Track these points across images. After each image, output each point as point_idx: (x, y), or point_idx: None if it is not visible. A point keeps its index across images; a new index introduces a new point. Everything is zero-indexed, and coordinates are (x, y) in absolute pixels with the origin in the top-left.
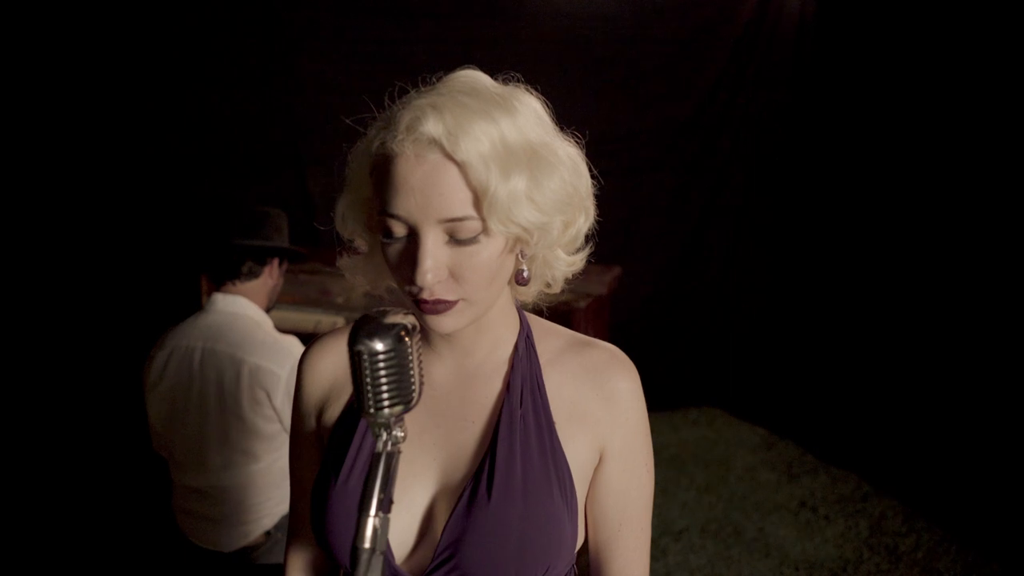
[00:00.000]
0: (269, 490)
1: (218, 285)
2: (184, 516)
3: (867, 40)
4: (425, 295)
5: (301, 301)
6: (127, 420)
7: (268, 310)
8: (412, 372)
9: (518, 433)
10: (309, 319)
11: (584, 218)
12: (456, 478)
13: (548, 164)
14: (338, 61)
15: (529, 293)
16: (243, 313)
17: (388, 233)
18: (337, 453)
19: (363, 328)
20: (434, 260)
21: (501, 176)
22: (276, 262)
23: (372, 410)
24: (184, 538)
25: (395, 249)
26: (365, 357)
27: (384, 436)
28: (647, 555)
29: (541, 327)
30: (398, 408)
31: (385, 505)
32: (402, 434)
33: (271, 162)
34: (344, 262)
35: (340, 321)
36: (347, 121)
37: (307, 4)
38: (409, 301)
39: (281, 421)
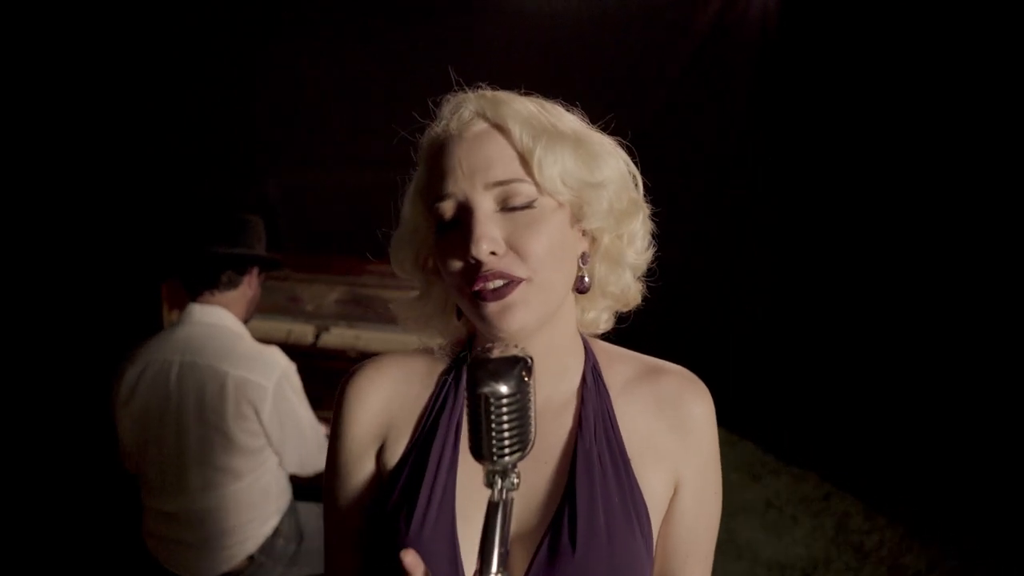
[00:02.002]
0: (252, 510)
1: (194, 295)
2: (158, 542)
3: (830, 42)
4: (483, 269)
5: (270, 309)
6: (86, 439)
7: (247, 321)
8: (531, 414)
9: (596, 473)
10: (280, 328)
11: (642, 216)
12: (531, 524)
13: (593, 145)
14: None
15: (600, 320)
16: (222, 324)
17: (440, 221)
18: (406, 498)
19: (483, 367)
20: (485, 228)
21: (546, 138)
22: (256, 271)
23: (495, 457)
24: (158, 566)
25: (449, 239)
26: (492, 402)
27: (499, 483)
28: None
29: (606, 353)
30: (518, 454)
31: (504, 560)
32: (518, 480)
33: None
34: (396, 304)
35: (311, 330)
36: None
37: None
38: (468, 304)
39: (267, 436)
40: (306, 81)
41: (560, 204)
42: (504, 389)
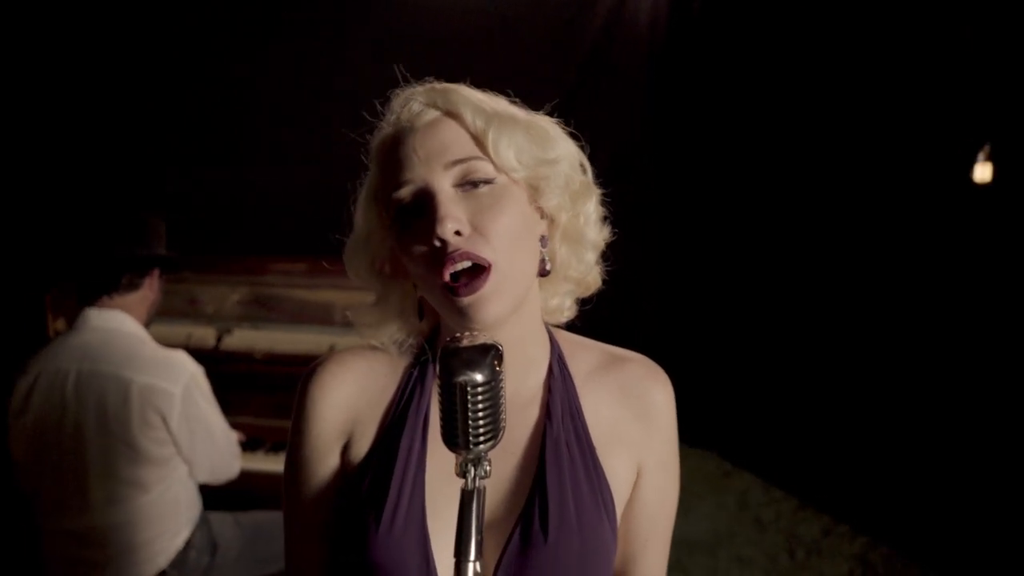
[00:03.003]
0: (162, 523)
1: (90, 300)
2: (60, 565)
3: (721, 41)
4: (450, 249)
5: (168, 313)
6: None
7: (147, 325)
8: (503, 402)
9: (565, 462)
10: (179, 332)
11: (596, 198)
12: (501, 514)
13: (543, 128)
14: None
15: (563, 307)
16: (122, 329)
17: (400, 210)
18: (375, 494)
19: (456, 356)
20: (448, 208)
21: (498, 120)
22: (157, 273)
23: (471, 445)
24: None
25: (410, 228)
26: (468, 390)
27: (473, 472)
28: (665, 569)
29: (570, 343)
30: (491, 442)
31: (480, 547)
32: (490, 467)
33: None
34: (353, 310)
35: (212, 332)
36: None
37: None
38: (439, 295)
39: (176, 444)
40: (199, 77)
41: (517, 183)
42: (479, 377)
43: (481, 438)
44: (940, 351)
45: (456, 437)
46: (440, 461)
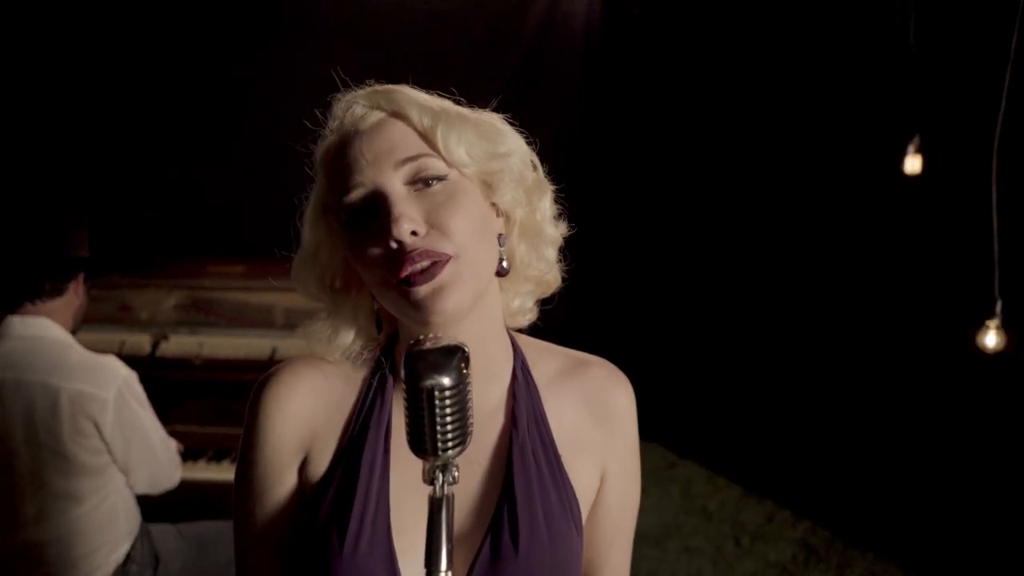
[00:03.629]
0: (99, 536)
1: (12, 308)
2: None
3: (656, 37)
4: (407, 249)
5: (98, 320)
6: None
7: (74, 332)
8: (470, 405)
9: (532, 471)
10: (111, 339)
11: (550, 194)
12: (469, 526)
13: (492, 125)
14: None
15: (525, 308)
16: (48, 336)
17: (349, 214)
18: (338, 512)
19: (421, 360)
20: (402, 207)
21: (445, 117)
22: (82, 277)
23: (439, 451)
24: None
25: (362, 231)
26: (436, 395)
27: (441, 479)
28: (629, 570)
29: (533, 348)
30: (460, 447)
31: (451, 557)
32: (458, 473)
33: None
34: (304, 327)
35: (147, 339)
36: None
37: None
38: (395, 295)
39: (111, 452)
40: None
41: (469, 178)
42: (446, 381)
43: (450, 443)
44: (874, 337)
45: (424, 443)
46: (404, 474)
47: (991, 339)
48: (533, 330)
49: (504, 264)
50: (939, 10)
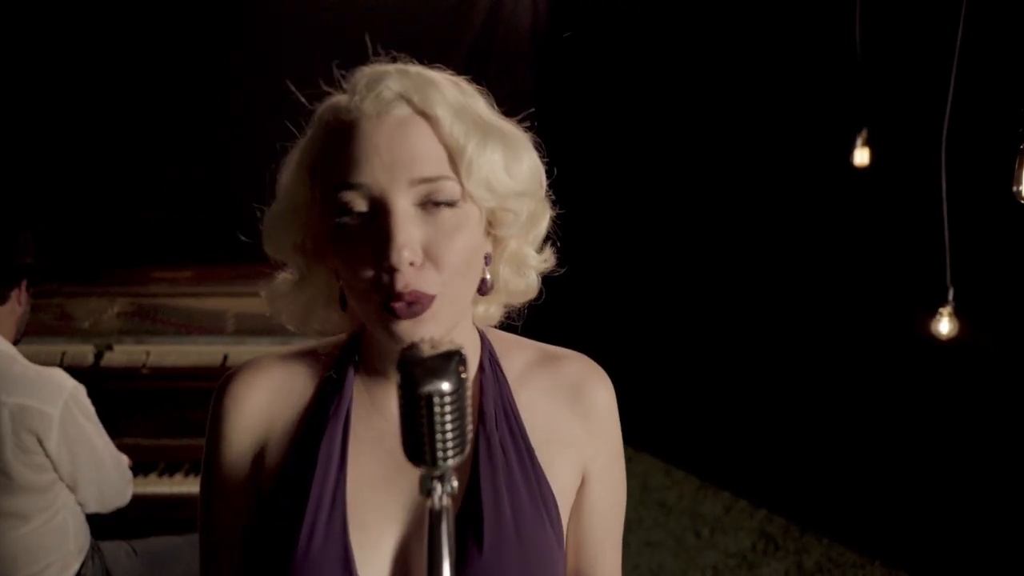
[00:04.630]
0: (47, 555)
1: None
2: None
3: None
4: (399, 286)
5: (36, 331)
6: None
7: (16, 342)
8: (469, 411)
9: (500, 467)
10: (51, 350)
11: (548, 217)
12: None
13: (518, 142)
14: None
15: (490, 312)
16: None
17: (344, 211)
18: (292, 507)
19: (419, 365)
20: (408, 234)
21: (478, 135)
22: (24, 284)
23: (439, 461)
24: None
25: (353, 234)
26: (436, 401)
27: (440, 489)
28: (620, 569)
29: (503, 341)
30: (460, 455)
31: (455, 572)
32: (456, 482)
33: None
34: (268, 289)
35: (89, 349)
36: None
37: None
38: (375, 313)
39: (57, 469)
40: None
41: (480, 209)
42: (446, 386)
43: (450, 452)
44: (829, 327)
45: (423, 453)
46: (364, 469)
47: (944, 326)
48: (504, 328)
49: (488, 282)
50: (886, 9)
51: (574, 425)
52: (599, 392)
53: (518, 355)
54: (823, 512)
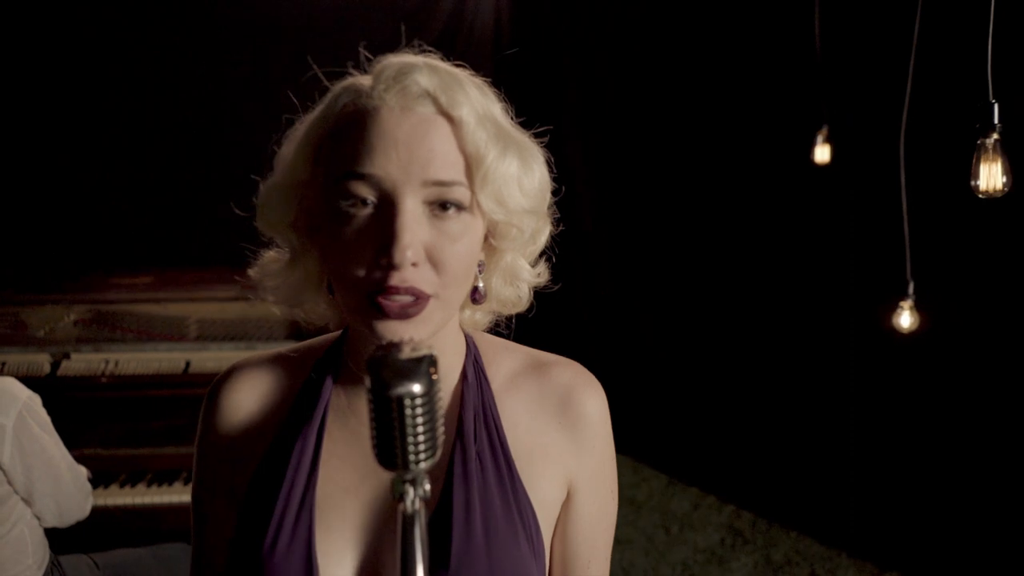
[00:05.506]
0: (3, 570)
1: None
2: None
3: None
4: (394, 280)
5: None
6: None
7: None
8: (441, 414)
9: (475, 478)
10: (7, 360)
11: (547, 232)
12: (395, 539)
13: (531, 154)
14: None
15: (476, 318)
16: None
17: (349, 197)
18: (260, 510)
19: (388, 367)
20: (415, 234)
21: (498, 146)
22: None
23: (411, 464)
24: None
25: (356, 223)
26: (407, 403)
27: (412, 493)
28: None
29: (491, 346)
30: (432, 458)
31: (428, 573)
32: (428, 486)
33: None
34: (258, 266)
35: (45, 358)
36: None
37: None
38: (363, 307)
39: (11, 481)
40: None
41: (485, 220)
42: (417, 388)
43: (422, 455)
44: (793, 321)
45: (394, 456)
46: (336, 471)
47: (905, 319)
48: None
49: (480, 293)
50: (845, 8)
51: (560, 436)
52: (589, 401)
53: (505, 361)
54: (790, 506)
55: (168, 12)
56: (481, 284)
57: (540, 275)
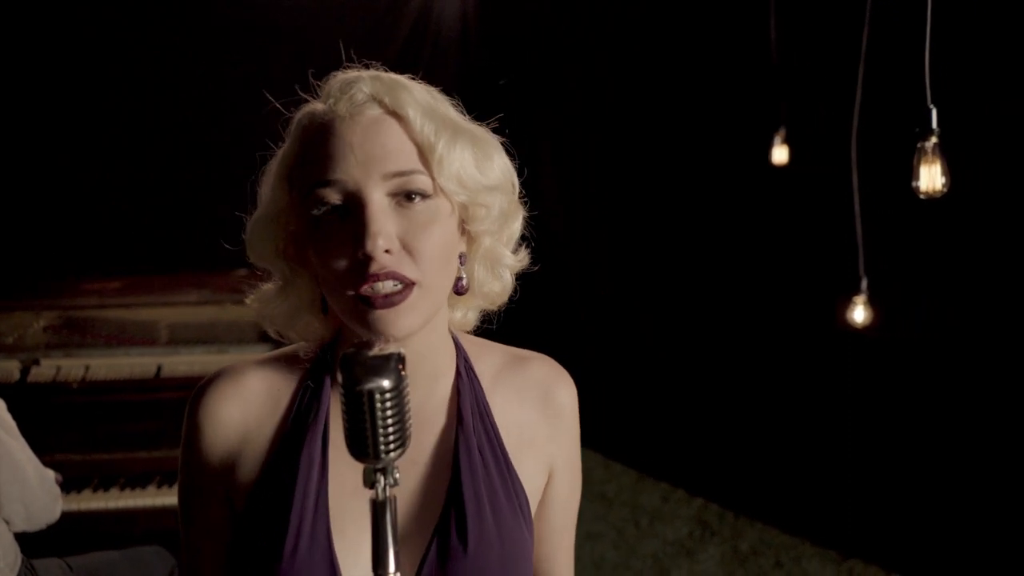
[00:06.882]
0: None
1: None
2: None
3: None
4: (374, 268)
5: None
6: None
7: None
8: (409, 405)
9: (479, 468)
10: None
11: (521, 217)
12: (415, 528)
13: (487, 143)
14: None
15: (467, 317)
16: None
17: (320, 204)
18: (273, 518)
19: (359, 365)
20: (382, 223)
21: (447, 132)
22: None
23: (381, 455)
24: None
25: (330, 228)
26: (377, 397)
27: (383, 481)
28: (573, 559)
29: (474, 345)
30: (401, 450)
31: (399, 559)
32: (398, 474)
33: None
34: (256, 296)
35: (15, 365)
36: None
37: None
38: (350, 306)
39: None
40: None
41: (452, 204)
42: (386, 383)
43: (392, 446)
44: (752, 318)
45: (365, 447)
46: (343, 476)
47: (859, 314)
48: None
49: (464, 283)
50: (799, 13)
51: (542, 425)
52: (565, 393)
53: (488, 358)
54: (755, 498)
55: (168, 12)
56: (464, 275)
57: (521, 260)
